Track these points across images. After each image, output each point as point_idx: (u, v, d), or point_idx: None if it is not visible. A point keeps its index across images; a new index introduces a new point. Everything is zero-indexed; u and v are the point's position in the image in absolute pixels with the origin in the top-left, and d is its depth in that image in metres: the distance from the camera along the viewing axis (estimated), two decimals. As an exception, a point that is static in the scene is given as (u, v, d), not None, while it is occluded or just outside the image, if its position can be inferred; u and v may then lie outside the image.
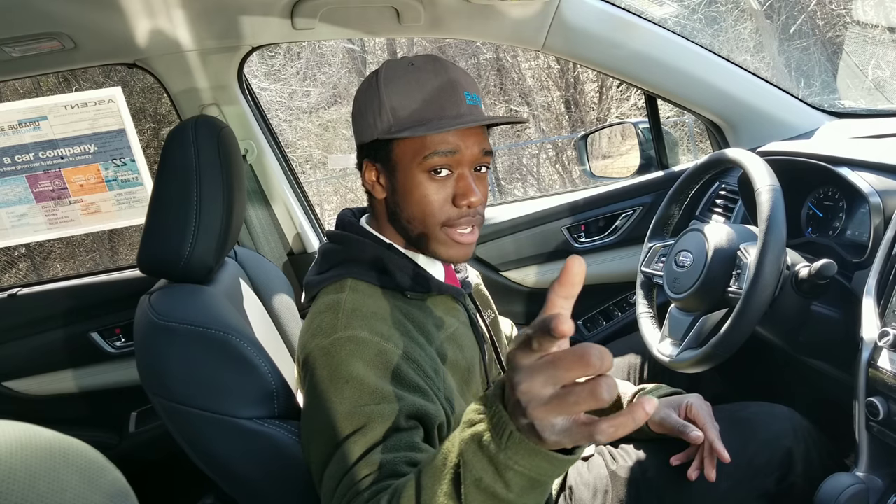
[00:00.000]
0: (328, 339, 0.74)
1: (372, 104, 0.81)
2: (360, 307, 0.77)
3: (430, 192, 0.79)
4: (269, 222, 1.57)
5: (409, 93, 0.78)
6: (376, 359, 0.72)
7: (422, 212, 0.80)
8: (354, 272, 0.82)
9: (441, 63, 0.81)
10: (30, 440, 0.32)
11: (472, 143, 0.79)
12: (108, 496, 0.35)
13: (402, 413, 0.69)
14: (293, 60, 8.72)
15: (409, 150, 0.79)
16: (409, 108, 0.78)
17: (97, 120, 1.44)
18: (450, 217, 0.80)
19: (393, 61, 0.82)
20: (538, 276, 1.62)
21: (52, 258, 6.37)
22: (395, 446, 0.67)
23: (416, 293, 0.83)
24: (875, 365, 0.82)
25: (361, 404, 0.69)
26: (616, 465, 0.93)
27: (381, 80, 0.80)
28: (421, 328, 0.81)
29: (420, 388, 0.73)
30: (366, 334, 0.74)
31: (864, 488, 0.79)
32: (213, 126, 0.95)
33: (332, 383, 0.71)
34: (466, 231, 0.81)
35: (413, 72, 0.79)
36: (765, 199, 0.91)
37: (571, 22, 1.29)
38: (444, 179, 0.79)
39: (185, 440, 0.83)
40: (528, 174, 8.68)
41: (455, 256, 0.83)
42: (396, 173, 0.81)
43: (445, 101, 0.78)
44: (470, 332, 0.89)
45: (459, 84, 0.79)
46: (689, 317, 1.05)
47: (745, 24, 6.49)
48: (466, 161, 0.79)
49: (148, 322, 0.84)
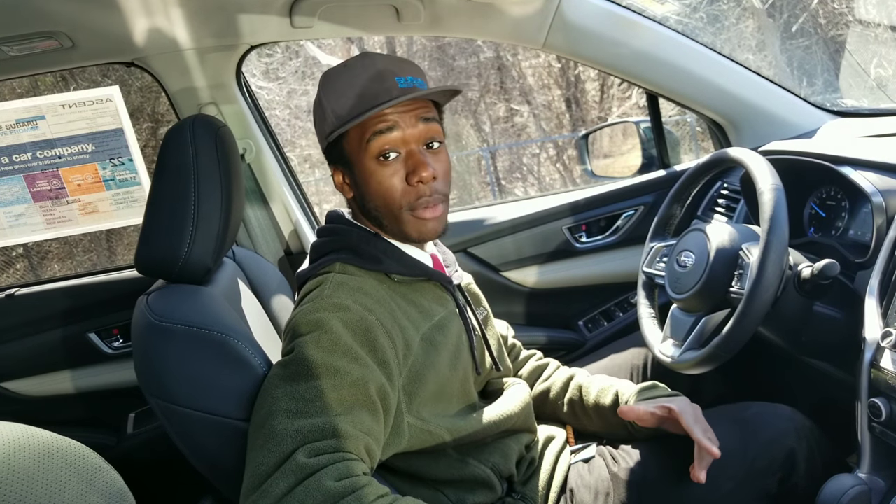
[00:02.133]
0: (313, 304, 0.77)
1: (318, 113, 0.86)
2: (347, 282, 0.81)
3: (383, 178, 0.82)
4: (268, 222, 1.56)
5: (343, 92, 0.82)
6: (356, 324, 0.75)
7: (382, 198, 0.83)
8: (343, 257, 0.85)
9: (371, 58, 0.84)
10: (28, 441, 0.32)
11: (411, 118, 0.81)
12: (105, 497, 0.35)
13: (372, 383, 0.72)
14: (291, 59, 8.71)
15: (354, 142, 0.82)
16: (346, 106, 0.82)
17: (95, 119, 1.43)
18: (409, 200, 0.82)
19: (328, 70, 0.86)
20: (538, 277, 1.61)
21: (50, 258, 6.37)
22: (357, 422, 0.69)
23: (403, 277, 0.86)
24: (878, 365, 0.82)
25: (333, 356, 0.72)
26: (617, 466, 0.93)
27: (321, 88, 0.85)
28: (404, 311, 0.83)
29: (388, 364, 0.76)
30: (349, 302, 0.77)
31: (867, 489, 0.79)
32: (211, 125, 0.95)
33: (310, 335, 0.73)
34: (428, 209, 0.83)
35: (345, 72, 0.83)
36: (767, 199, 0.91)
37: (572, 20, 1.29)
38: (394, 162, 0.81)
39: (182, 441, 0.82)
40: (529, 173, 8.68)
41: (426, 232, 0.85)
42: (353, 168, 0.84)
43: (377, 90, 0.80)
44: (459, 321, 0.91)
45: (389, 71, 0.82)
46: (690, 317, 1.05)
47: (747, 23, 6.48)
48: (411, 138, 0.82)
49: (145, 323, 0.83)
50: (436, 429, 0.83)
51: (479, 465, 0.87)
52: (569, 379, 1.06)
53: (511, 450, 0.91)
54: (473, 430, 0.86)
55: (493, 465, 0.88)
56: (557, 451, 0.98)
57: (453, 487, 0.86)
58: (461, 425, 0.86)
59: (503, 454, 0.90)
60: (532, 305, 1.63)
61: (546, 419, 1.06)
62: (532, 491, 0.91)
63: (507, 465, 0.90)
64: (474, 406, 0.92)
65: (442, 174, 0.84)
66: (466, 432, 0.86)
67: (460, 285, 0.96)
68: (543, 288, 1.62)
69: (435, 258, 0.94)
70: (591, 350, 1.54)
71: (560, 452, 0.98)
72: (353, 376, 0.71)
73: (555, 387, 1.06)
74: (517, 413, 0.92)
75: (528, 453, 0.95)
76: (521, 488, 0.91)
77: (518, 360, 1.11)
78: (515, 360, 1.11)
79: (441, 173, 0.83)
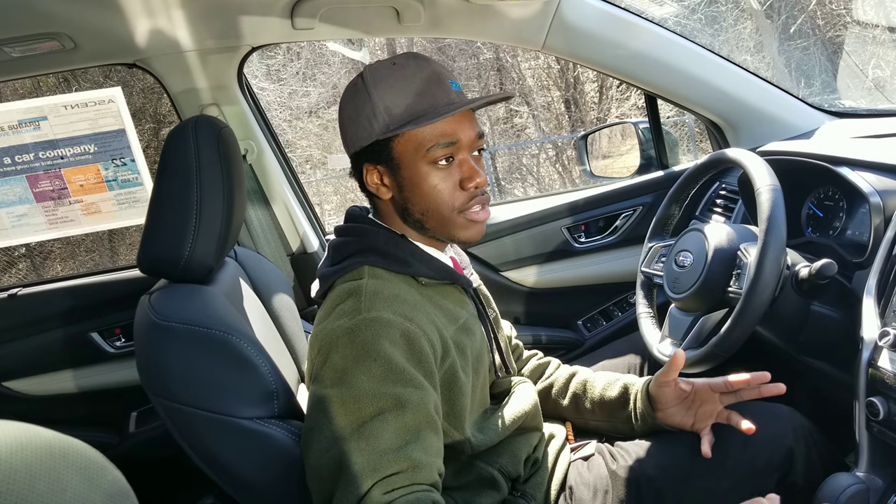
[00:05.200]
0: (352, 320, 0.75)
1: (364, 108, 0.82)
2: (382, 290, 0.79)
3: (438, 182, 0.82)
4: (269, 222, 1.57)
5: (400, 90, 0.80)
6: (401, 340, 0.74)
7: (435, 202, 0.82)
8: (371, 259, 0.83)
9: (422, 58, 0.84)
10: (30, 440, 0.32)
11: (468, 127, 0.82)
12: (108, 496, 0.35)
13: (430, 402, 0.72)
14: (293, 60, 8.71)
15: (411, 145, 0.81)
16: (403, 105, 0.80)
17: (97, 120, 1.44)
18: (462, 202, 0.83)
19: (375, 64, 0.84)
20: (538, 276, 1.62)
21: (52, 258, 6.37)
22: (427, 447, 0.69)
23: (431, 280, 0.86)
24: (875, 365, 0.82)
25: (390, 384, 0.71)
26: (616, 464, 0.93)
27: (369, 83, 0.82)
28: (436, 314, 0.83)
29: (433, 374, 0.76)
30: (390, 315, 0.75)
31: (865, 488, 0.79)
32: (212, 126, 0.95)
33: (358, 363, 0.72)
34: (480, 210, 0.85)
35: (398, 70, 0.82)
36: (765, 199, 0.91)
37: (571, 22, 1.29)
38: (448, 167, 0.82)
39: (185, 440, 0.83)
40: (528, 174, 8.68)
41: (474, 236, 0.86)
42: (401, 170, 0.82)
43: (436, 91, 0.81)
44: (479, 324, 0.91)
45: (443, 74, 0.83)
46: (689, 317, 1.05)
47: (746, 24, 6.48)
48: (465, 146, 0.82)
49: (148, 322, 0.84)
50: (460, 433, 0.83)
51: (486, 467, 0.87)
52: (571, 375, 1.06)
53: (520, 450, 0.92)
54: (492, 432, 0.87)
55: (500, 466, 0.88)
56: (557, 449, 0.99)
57: (461, 491, 0.87)
58: (480, 428, 0.87)
59: (512, 454, 0.90)
60: (531, 305, 1.64)
61: (547, 417, 1.06)
62: (533, 489, 0.91)
63: (515, 465, 0.90)
64: (489, 409, 0.92)
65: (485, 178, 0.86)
66: (485, 435, 0.86)
67: (476, 287, 0.96)
68: (543, 288, 1.62)
69: (454, 260, 0.94)
70: (590, 349, 1.55)
71: (560, 450, 0.99)
72: (413, 401, 0.71)
73: (557, 383, 1.06)
74: (529, 411, 0.93)
75: (535, 453, 0.95)
76: (522, 487, 0.92)
77: (521, 360, 1.12)
78: (518, 360, 1.12)
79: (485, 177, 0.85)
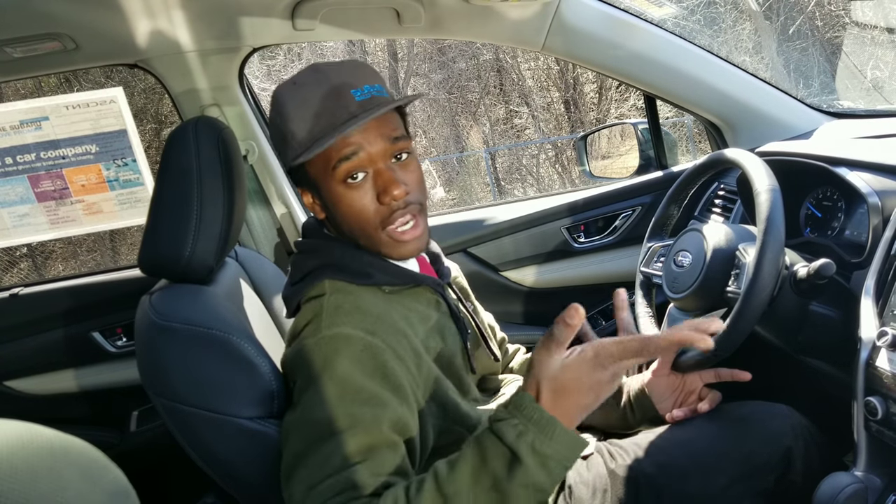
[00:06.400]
0: (313, 338, 0.75)
1: (277, 135, 0.82)
2: (343, 304, 0.78)
3: (353, 201, 0.78)
4: (270, 222, 1.57)
5: (300, 114, 0.78)
6: (362, 355, 0.73)
7: (355, 221, 0.80)
8: (329, 273, 0.82)
9: (321, 72, 0.79)
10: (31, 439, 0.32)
11: (375, 136, 0.77)
12: (109, 495, 0.36)
13: (386, 421, 0.71)
14: (294, 61, 8.71)
15: (319, 167, 0.79)
16: (305, 129, 0.78)
17: (99, 120, 1.44)
18: (383, 217, 0.79)
19: (279, 87, 0.81)
20: (537, 276, 1.62)
21: (54, 258, 6.38)
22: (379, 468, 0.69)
23: (393, 287, 0.84)
24: (873, 364, 0.82)
25: (345, 405, 0.70)
26: (615, 463, 0.93)
27: (274, 110, 0.81)
28: (405, 319, 0.81)
29: (401, 387, 0.74)
30: (350, 330, 0.74)
31: (863, 487, 0.79)
32: (213, 126, 0.96)
33: (314, 382, 0.72)
34: (408, 226, 0.80)
35: (298, 91, 0.78)
36: (763, 200, 0.92)
37: (571, 23, 1.30)
38: (362, 183, 0.78)
39: (185, 440, 0.83)
40: (528, 174, 8.68)
41: (405, 253, 0.82)
42: (321, 192, 0.81)
43: (334, 109, 0.77)
44: (451, 323, 0.90)
45: (345, 85, 0.78)
46: (687, 316, 1.05)
47: (744, 25, 6.49)
48: (377, 156, 0.78)
49: (149, 322, 0.84)
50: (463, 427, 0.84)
51: None
52: None
53: None
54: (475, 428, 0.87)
55: None
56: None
57: None
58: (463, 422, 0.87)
59: None
60: (531, 305, 1.64)
61: None
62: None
63: None
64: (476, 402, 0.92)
65: (414, 185, 0.80)
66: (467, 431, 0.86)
67: (450, 283, 0.96)
68: (542, 287, 1.62)
69: (422, 260, 0.92)
70: (590, 350, 1.55)
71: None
72: (366, 421, 0.70)
73: None
74: None
75: None
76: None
77: (507, 355, 1.12)
78: (505, 356, 1.11)
79: (413, 185, 0.80)
